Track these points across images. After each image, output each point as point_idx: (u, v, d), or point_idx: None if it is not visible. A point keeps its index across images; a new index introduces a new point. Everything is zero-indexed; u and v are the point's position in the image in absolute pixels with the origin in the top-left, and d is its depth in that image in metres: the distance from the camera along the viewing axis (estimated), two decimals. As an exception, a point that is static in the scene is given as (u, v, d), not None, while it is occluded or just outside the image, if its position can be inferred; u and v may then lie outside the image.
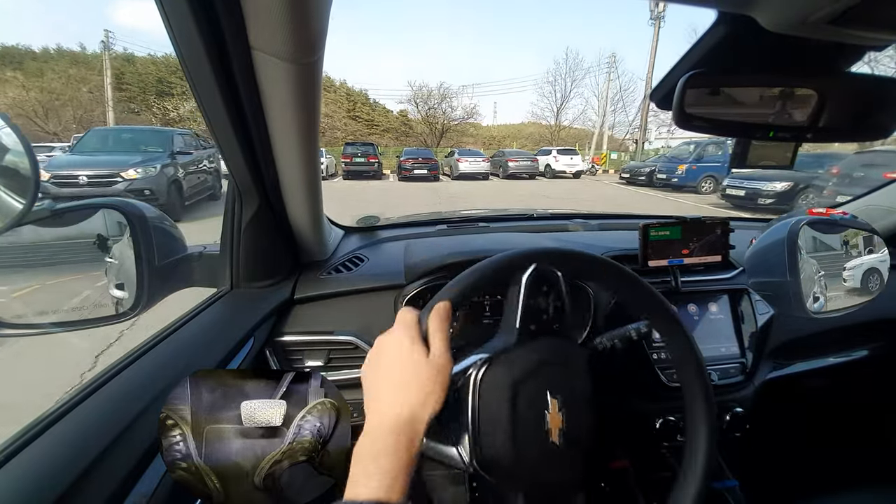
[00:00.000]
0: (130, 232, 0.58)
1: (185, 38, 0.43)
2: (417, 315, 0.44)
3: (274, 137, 0.57)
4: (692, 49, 0.41)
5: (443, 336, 0.41)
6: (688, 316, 0.90)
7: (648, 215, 1.10)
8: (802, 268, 0.88)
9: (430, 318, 0.42)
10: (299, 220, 0.76)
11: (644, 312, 0.55)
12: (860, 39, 0.35)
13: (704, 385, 0.51)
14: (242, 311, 0.70)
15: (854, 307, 0.88)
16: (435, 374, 0.39)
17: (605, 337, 0.73)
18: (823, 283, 0.90)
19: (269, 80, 0.47)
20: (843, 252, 0.92)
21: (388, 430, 0.36)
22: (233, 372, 0.62)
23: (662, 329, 0.54)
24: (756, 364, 0.89)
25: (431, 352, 0.40)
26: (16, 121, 0.42)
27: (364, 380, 0.43)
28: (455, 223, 1.21)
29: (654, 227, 0.84)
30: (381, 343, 0.43)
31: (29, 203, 0.44)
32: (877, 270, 0.91)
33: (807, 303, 0.86)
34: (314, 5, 0.39)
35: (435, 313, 0.42)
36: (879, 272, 0.90)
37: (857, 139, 0.46)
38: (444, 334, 0.42)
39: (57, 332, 0.54)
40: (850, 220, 0.94)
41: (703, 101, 0.42)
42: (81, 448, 0.41)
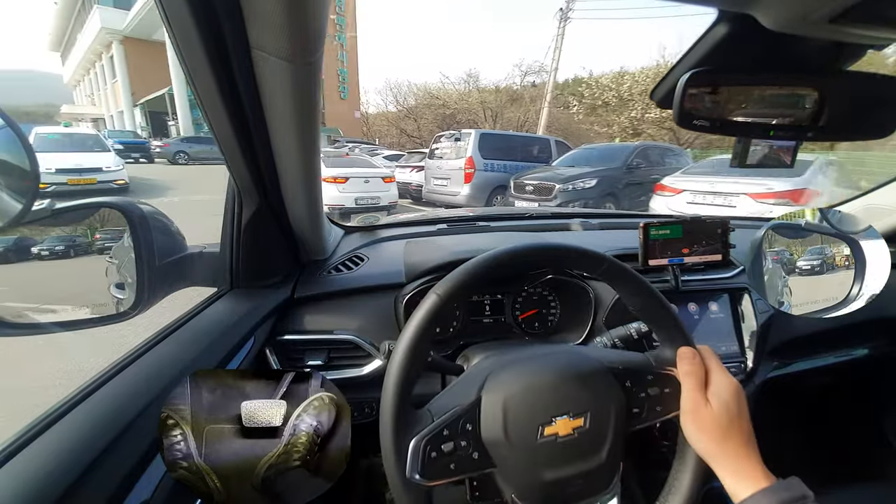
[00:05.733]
0: (130, 232, 0.58)
1: (185, 38, 0.43)
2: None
3: (274, 137, 0.57)
4: (693, 48, 0.41)
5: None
6: (688, 315, 0.90)
7: (649, 214, 1.10)
8: (766, 270, 0.89)
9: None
10: (299, 220, 0.76)
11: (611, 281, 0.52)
12: (860, 38, 0.35)
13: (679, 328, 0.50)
14: (242, 311, 0.70)
15: (819, 313, 0.88)
16: None
17: (606, 336, 0.73)
18: (788, 286, 0.91)
19: (269, 79, 0.47)
20: (804, 259, 0.93)
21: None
22: (233, 371, 0.62)
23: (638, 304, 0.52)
24: (756, 363, 0.89)
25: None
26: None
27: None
28: (455, 223, 1.21)
29: (654, 226, 0.84)
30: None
31: (29, 203, 0.44)
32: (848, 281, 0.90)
33: (772, 304, 0.88)
34: (314, 5, 0.39)
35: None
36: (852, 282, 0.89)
37: (858, 138, 0.46)
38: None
39: (57, 332, 0.54)
40: (815, 226, 0.94)
41: (703, 100, 0.42)
42: (81, 448, 0.41)
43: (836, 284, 0.90)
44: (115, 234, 0.60)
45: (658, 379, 0.48)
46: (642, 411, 0.47)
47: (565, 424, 0.44)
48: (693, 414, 0.44)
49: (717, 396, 0.45)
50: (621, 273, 0.50)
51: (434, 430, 0.43)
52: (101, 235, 0.60)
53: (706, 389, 0.45)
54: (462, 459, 0.44)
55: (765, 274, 0.90)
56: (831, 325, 0.97)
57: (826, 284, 0.90)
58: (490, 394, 0.46)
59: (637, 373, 0.48)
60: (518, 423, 0.45)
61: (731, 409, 0.44)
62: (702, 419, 0.44)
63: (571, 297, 0.86)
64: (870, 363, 1.08)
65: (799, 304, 0.89)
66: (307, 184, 0.67)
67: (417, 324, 0.45)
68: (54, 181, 6.83)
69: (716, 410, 0.44)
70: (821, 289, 0.90)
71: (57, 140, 7.77)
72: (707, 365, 0.47)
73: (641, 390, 0.47)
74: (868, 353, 1.08)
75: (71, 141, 7.85)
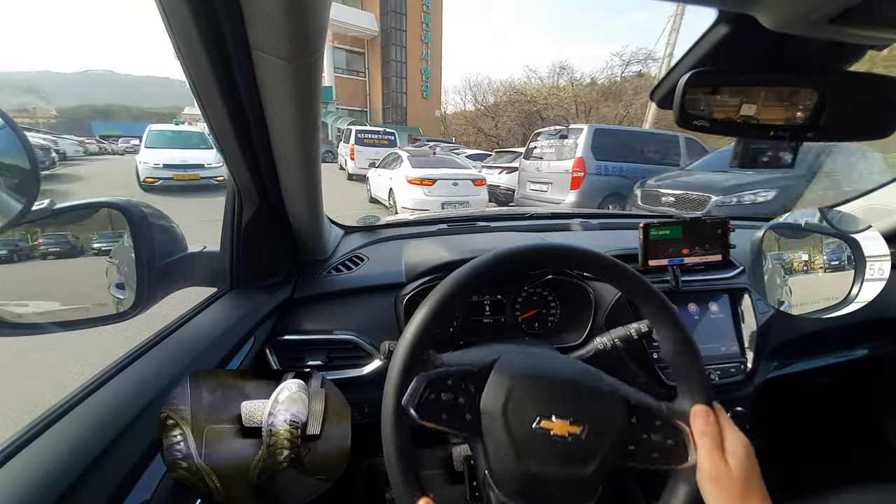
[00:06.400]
0: (130, 232, 0.58)
1: (185, 38, 0.43)
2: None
3: (274, 137, 0.57)
4: (693, 48, 0.41)
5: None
6: (688, 315, 0.90)
7: (649, 214, 1.10)
8: (766, 270, 0.89)
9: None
10: (299, 220, 0.76)
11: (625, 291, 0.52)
12: (860, 38, 0.35)
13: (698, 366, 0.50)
14: (242, 311, 0.70)
15: (821, 313, 0.88)
16: None
17: (606, 336, 0.73)
18: (788, 286, 0.91)
19: (268, 79, 0.47)
20: (804, 259, 0.93)
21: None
22: (233, 371, 0.62)
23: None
24: (756, 363, 0.89)
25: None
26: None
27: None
28: (455, 223, 1.21)
29: (654, 227, 0.84)
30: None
31: (29, 203, 0.44)
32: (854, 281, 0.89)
33: (772, 304, 0.88)
34: (314, 5, 0.39)
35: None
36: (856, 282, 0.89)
37: (858, 138, 0.46)
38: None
39: (57, 332, 0.54)
40: (815, 226, 0.93)
41: (703, 100, 0.42)
42: (82, 447, 0.41)
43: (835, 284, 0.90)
44: (115, 234, 0.60)
45: (665, 427, 0.47)
46: (638, 451, 0.46)
47: (562, 426, 0.44)
48: (715, 479, 0.44)
49: (734, 456, 0.44)
50: (667, 315, 0.49)
51: (439, 375, 0.45)
52: (101, 235, 0.60)
53: (723, 450, 0.45)
54: (455, 413, 0.45)
55: (765, 274, 0.90)
56: (831, 325, 0.97)
57: (826, 284, 0.90)
58: (502, 369, 0.47)
59: (647, 414, 0.48)
60: (519, 405, 0.45)
61: (747, 467, 0.44)
62: (722, 482, 0.43)
63: (571, 297, 0.86)
64: (870, 363, 1.08)
65: (799, 304, 0.89)
66: (307, 184, 0.67)
67: (419, 322, 0.45)
68: (161, 176, 6.98)
69: (735, 471, 0.43)
70: (821, 288, 0.90)
71: (167, 137, 7.87)
72: (720, 424, 0.47)
73: (644, 431, 0.47)
74: (868, 353, 1.08)
75: (179, 138, 7.94)
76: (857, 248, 0.91)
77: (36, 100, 34.20)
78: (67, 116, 52.75)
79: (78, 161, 14.97)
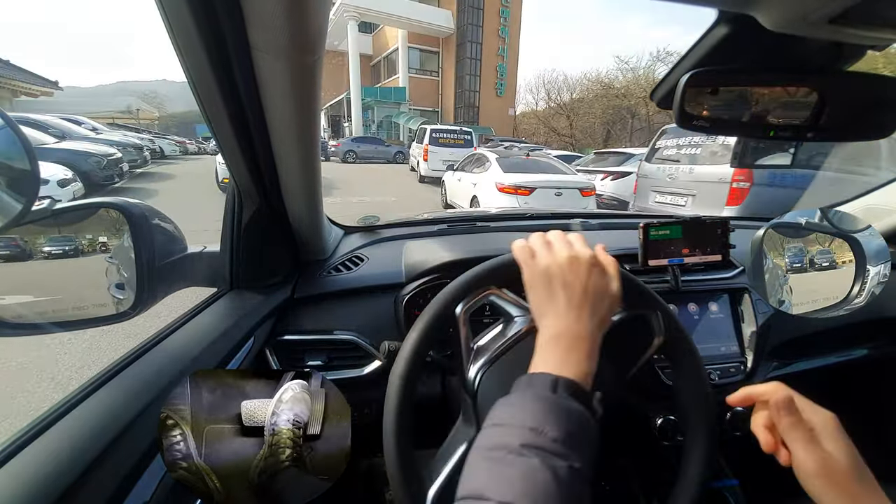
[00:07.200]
0: (130, 232, 0.58)
1: (185, 38, 0.43)
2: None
3: (274, 137, 0.57)
4: (693, 48, 0.41)
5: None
6: (688, 315, 0.90)
7: (649, 214, 1.10)
8: (766, 270, 0.89)
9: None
10: (299, 220, 0.76)
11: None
12: (860, 39, 0.35)
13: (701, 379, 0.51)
14: (242, 311, 0.70)
15: (821, 313, 0.88)
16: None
17: None
18: (788, 286, 0.91)
19: (269, 79, 0.47)
20: (803, 257, 0.93)
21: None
22: (233, 372, 0.62)
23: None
24: (756, 363, 0.88)
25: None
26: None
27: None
28: (455, 223, 1.21)
29: (654, 227, 0.84)
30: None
31: (29, 203, 0.44)
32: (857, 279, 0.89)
33: (772, 304, 0.88)
34: (314, 5, 0.39)
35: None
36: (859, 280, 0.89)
37: (858, 138, 0.46)
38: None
39: (57, 332, 0.54)
40: (815, 226, 0.93)
41: (703, 100, 0.42)
42: (81, 448, 0.41)
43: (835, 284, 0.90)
44: (114, 234, 0.60)
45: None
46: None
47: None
48: (825, 476, 0.37)
49: (831, 439, 0.38)
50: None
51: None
52: (101, 235, 0.60)
53: (818, 438, 0.39)
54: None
55: (765, 274, 0.90)
56: (831, 325, 0.97)
57: (825, 284, 0.90)
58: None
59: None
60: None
61: (847, 447, 0.38)
62: (835, 475, 0.37)
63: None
64: (870, 363, 1.08)
65: (799, 304, 0.89)
66: (307, 184, 0.67)
67: (423, 326, 0.45)
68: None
69: (840, 458, 0.37)
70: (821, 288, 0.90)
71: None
72: (799, 404, 0.41)
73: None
74: (868, 353, 1.07)
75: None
76: (857, 247, 0.91)
77: (140, 103, 35.02)
78: (177, 120, 56.36)
79: (173, 160, 15.82)
